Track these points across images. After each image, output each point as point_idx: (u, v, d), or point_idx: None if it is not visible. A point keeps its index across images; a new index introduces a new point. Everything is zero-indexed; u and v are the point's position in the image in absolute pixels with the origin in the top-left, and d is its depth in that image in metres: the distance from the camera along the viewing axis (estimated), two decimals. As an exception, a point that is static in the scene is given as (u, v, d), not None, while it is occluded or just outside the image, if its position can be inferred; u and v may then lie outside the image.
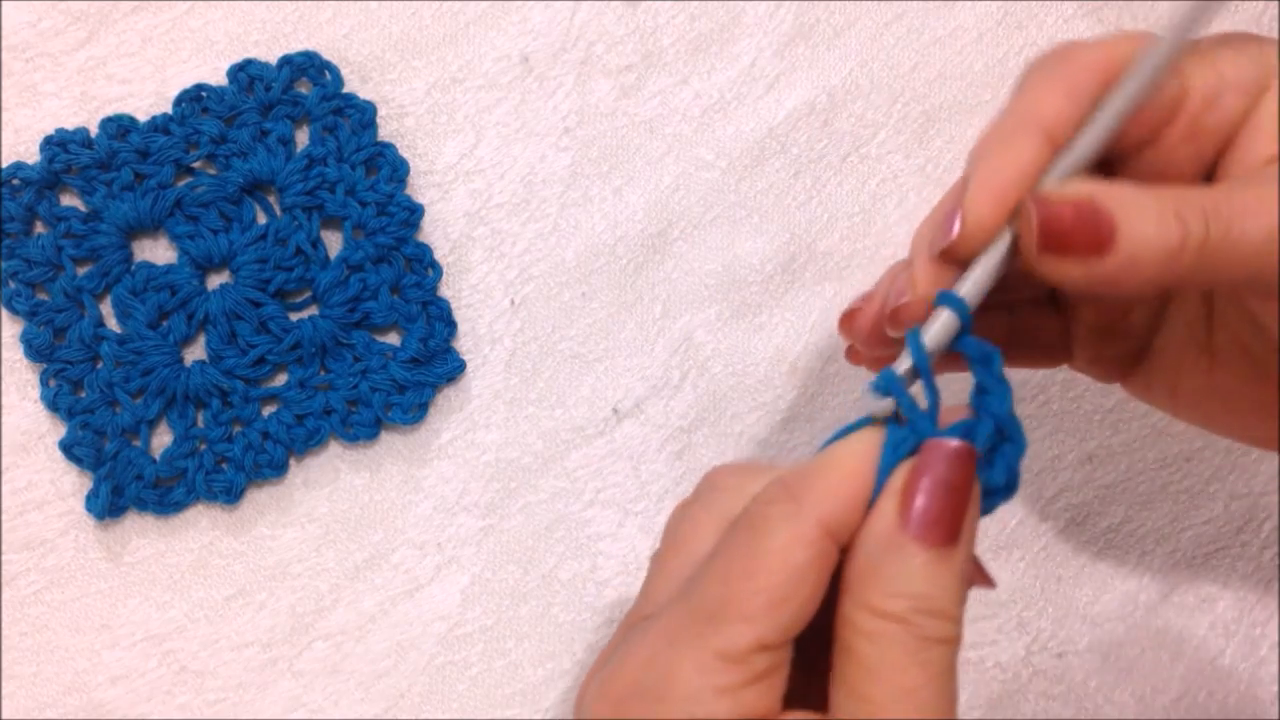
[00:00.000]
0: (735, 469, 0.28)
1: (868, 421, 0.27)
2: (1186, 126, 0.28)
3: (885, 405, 0.26)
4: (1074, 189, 0.26)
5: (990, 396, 0.26)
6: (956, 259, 0.27)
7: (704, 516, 0.28)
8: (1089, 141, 0.27)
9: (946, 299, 0.27)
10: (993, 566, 0.41)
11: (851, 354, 0.33)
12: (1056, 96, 0.27)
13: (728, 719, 0.24)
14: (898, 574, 0.24)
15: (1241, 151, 0.28)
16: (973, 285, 0.27)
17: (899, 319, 0.28)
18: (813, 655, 0.26)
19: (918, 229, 0.29)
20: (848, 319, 0.31)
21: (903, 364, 0.27)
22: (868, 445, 0.26)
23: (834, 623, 0.25)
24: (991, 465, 0.26)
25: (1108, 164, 0.29)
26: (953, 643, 0.24)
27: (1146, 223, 0.25)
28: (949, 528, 0.25)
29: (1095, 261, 0.25)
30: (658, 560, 0.28)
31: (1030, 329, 0.33)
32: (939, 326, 0.27)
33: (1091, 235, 0.25)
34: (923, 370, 0.27)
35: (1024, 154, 0.27)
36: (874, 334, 0.30)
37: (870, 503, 0.25)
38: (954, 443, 0.25)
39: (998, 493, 0.26)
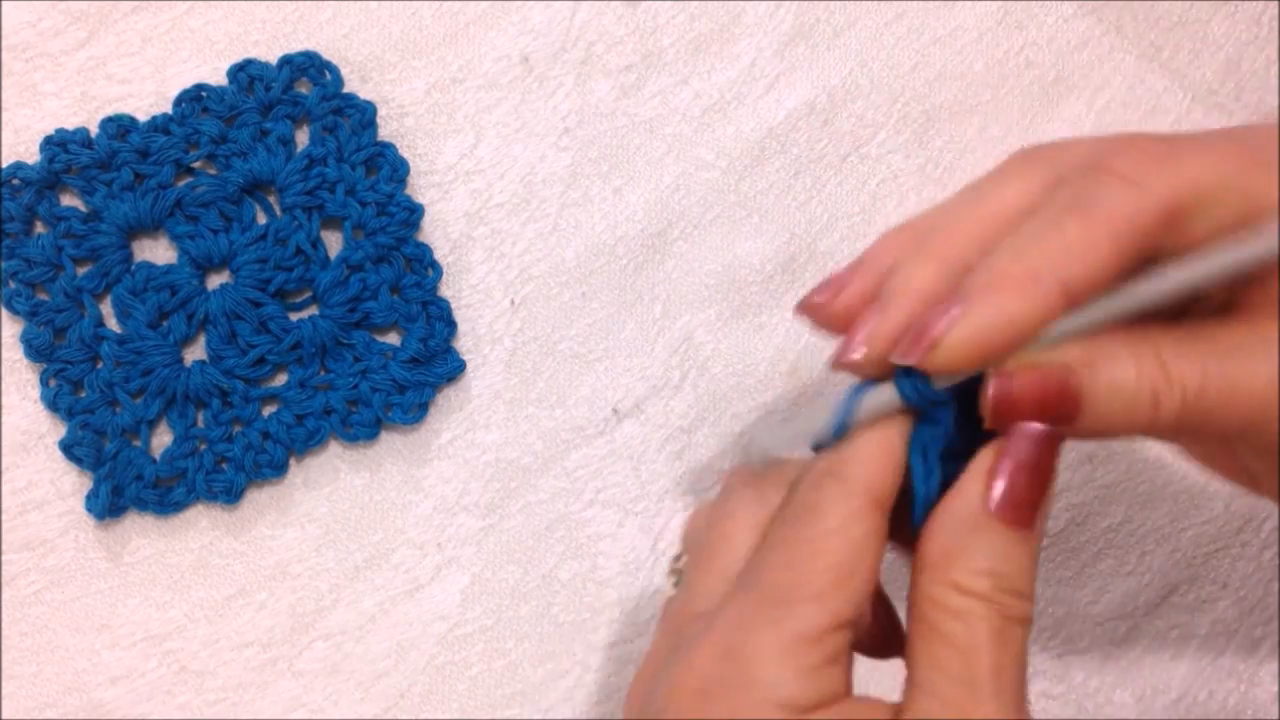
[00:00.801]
0: (752, 472, 0.29)
1: (868, 386, 0.26)
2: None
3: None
4: (1048, 358, 0.25)
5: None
6: (866, 372, 0.27)
7: (741, 512, 0.28)
8: (1111, 311, 0.25)
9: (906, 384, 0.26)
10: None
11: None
12: (1088, 257, 0.25)
13: (813, 700, 0.24)
14: (983, 552, 0.25)
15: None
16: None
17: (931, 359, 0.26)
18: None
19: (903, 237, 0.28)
20: (822, 309, 0.29)
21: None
22: (889, 418, 0.26)
23: (910, 601, 0.25)
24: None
25: None
26: (1029, 624, 0.25)
27: (1115, 399, 0.25)
28: (1031, 510, 0.25)
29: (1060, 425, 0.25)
30: (700, 559, 0.28)
31: None
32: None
33: (1054, 411, 0.25)
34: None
35: (1027, 309, 0.25)
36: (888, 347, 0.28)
37: (910, 470, 0.26)
38: (1039, 427, 0.25)
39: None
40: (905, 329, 0.26)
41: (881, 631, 0.29)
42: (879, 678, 0.29)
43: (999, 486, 0.25)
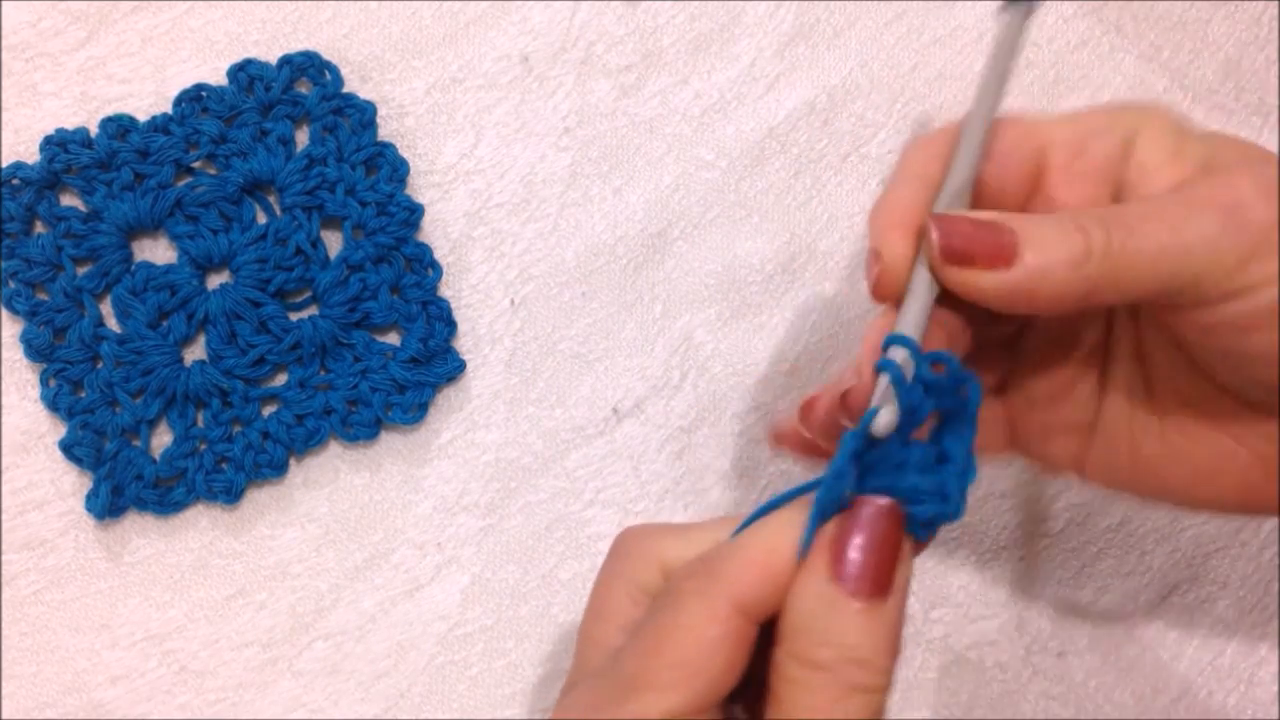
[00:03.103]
0: (643, 532, 0.29)
1: (797, 493, 0.27)
2: (1060, 174, 0.30)
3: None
4: (973, 212, 0.28)
5: (952, 434, 0.26)
6: (886, 296, 0.29)
7: (617, 584, 0.29)
8: (959, 171, 0.29)
9: (892, 341, 0.27)
10: (993, 566, 0.41)
11: (778, 438, 0.33)
12: (920, 154, 0.30)
13: None
14: (827, 626, 0.25)
15: (1135, 191, 0.29)
16: (910, 323, 0.28)
17: (848, 404, 0.28)
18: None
19: (865, 334, 0.30)
20: (806, 409, 0.31)
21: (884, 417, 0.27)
22: (786, 523, 0.26)
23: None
24: (926, 500, 0.26)
25: None
26: (878, 691, 0.25)
27: (1047, 231, 0.27)
28: (878, 581, 0.25)
29: (1003, 271, 0.27)
30: (583, 629, 0.29)
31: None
32: (881, 397, 0.27)
33: (993, 244, 0.27)
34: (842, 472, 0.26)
35: (909, 191, 0.29)
36: (826, 424, 0.30)
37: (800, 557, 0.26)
38: (881, 500, 0.26)
39: (937, 517, 0.26)
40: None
41: None
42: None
43: (845, 559, 0.25)
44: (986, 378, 0.33)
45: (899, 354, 0.27)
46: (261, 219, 0.40)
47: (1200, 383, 0.30)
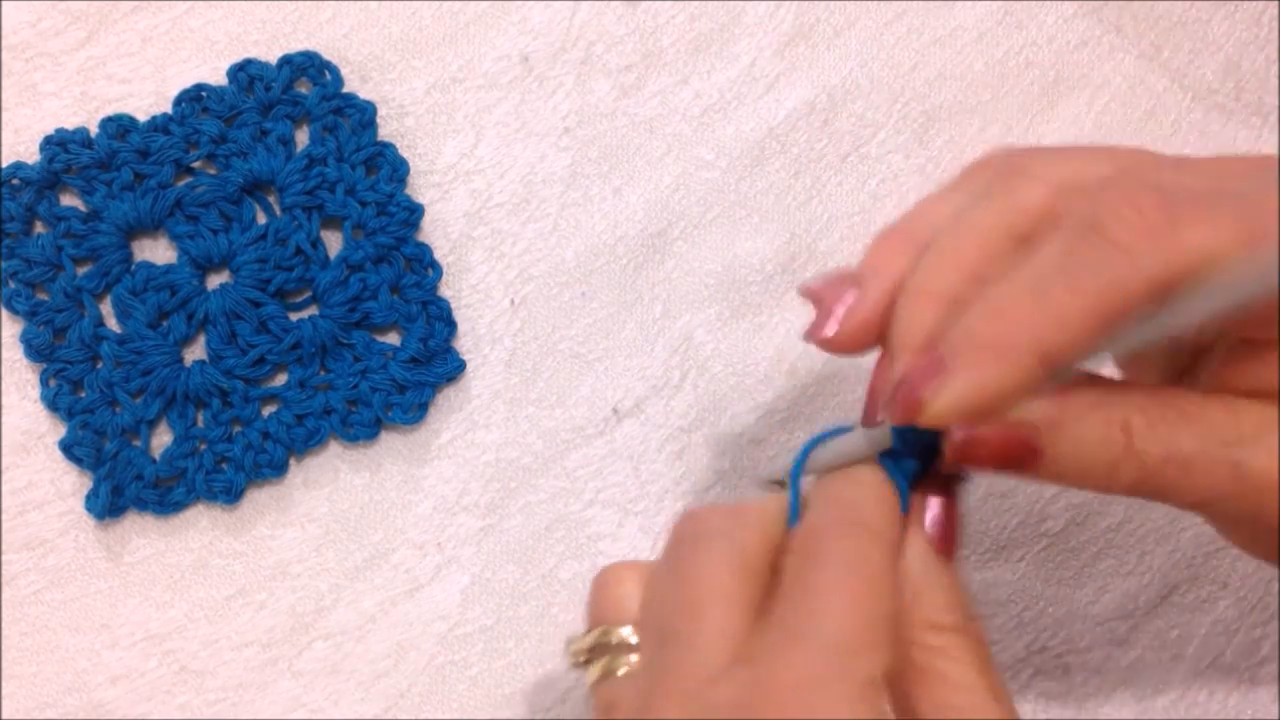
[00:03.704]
0: (723, 512, 0.28)
1: (838, 432, 0.28)
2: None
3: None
4: (1018, 413, 0.26)
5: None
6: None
7: (718, 561, 0.27)
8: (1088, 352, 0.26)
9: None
10: (993, 566, 0.41)
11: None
12: (1071, 329, 0.25)
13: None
14: (942, 587, 0.26)
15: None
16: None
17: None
18: None
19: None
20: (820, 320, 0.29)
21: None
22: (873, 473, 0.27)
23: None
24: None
25: None
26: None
27: (1073, 462, 0.26)
28: (954, 541, 0.28)
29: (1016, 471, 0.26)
30: (683, 621, 0.26)
31: None
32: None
33: (1013, 461, 0.26)
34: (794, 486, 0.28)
35: (1006, 378, 0.25)
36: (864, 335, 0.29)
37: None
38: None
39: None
40: (888, 382, 0.27)
41: None
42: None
43: (932, 522, 0.27)
44: None
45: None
46: (261, 219, 0.40)
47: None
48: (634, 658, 0.27)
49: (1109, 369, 0.31)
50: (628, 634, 0.27)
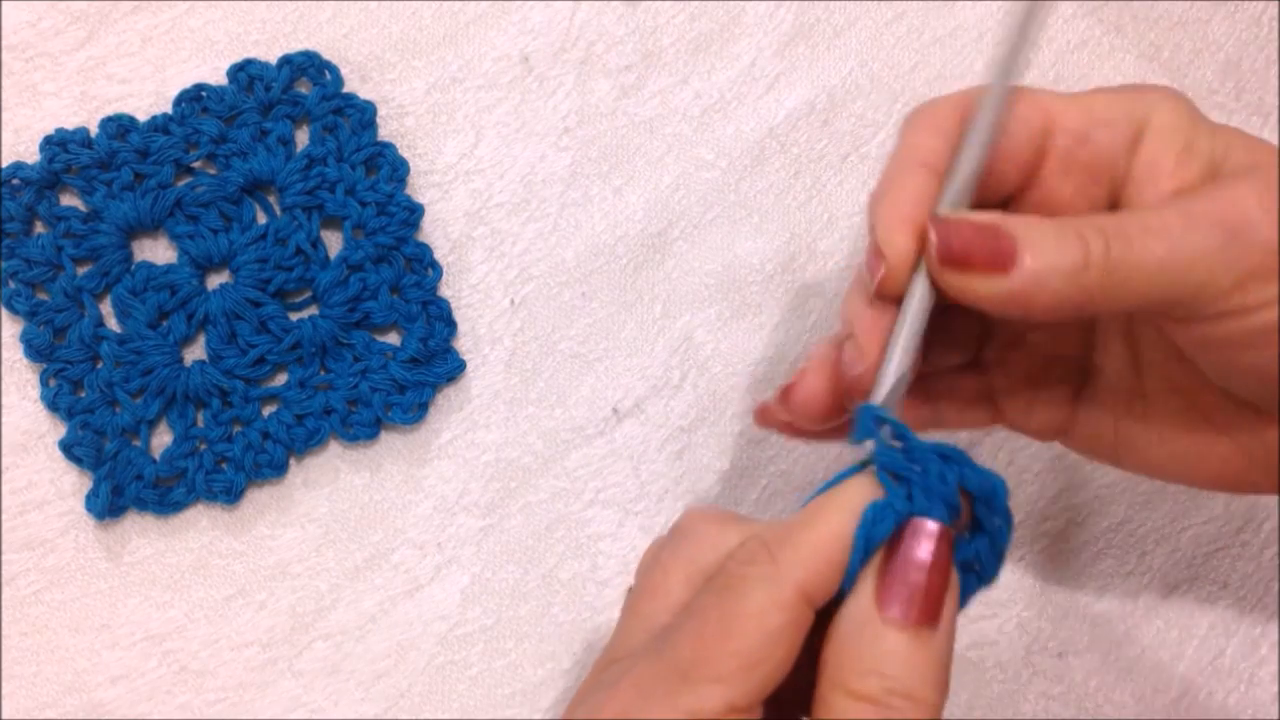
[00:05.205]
0: (707, 515, 0.28)
1: (855, 470, 0.26)
2: (1060, 161, 0.30)
3: (869, 449, 0.27)
4: (974, 215, 0.28)
5: (989, 520, 0.26)
6: (889, 294, 0.28)
7: (673, 564, 0.28)
8: (965, 166, 0.29)
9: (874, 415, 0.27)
10: (993, 566, 0.41)
11: (763, 415, 0.32)
12: (927, 136, 0.29)
13: None
14: (872, 654, 0.24)
15: (1139, 190, 0.29)
16: (907, 335, 0.28)
17: (856, 388, 0.28)
18: (790, 713, 0.26)
19: (843, 301, 0.30)
20: (785, 396, 0.30)
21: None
22: (849, 509, 0.25)
23: (811, 701, 0.25)
24: (974, 543, 0.26)
25: (999, 209, 0.30)
26: None
27: (1047, 239, 0.27)
28: (926, 608, 0.25)
29: (1000, 278, 0.27)
30: (630, 603, 0.28)
31: (949, 389, 0.34)
32: (889, 387, 0.27)
33: (992, 250, 0.27)
34: (881, 455, 0.26)
35: (915, 184, 0.29)
36: (827, 408, 0.30)
37: (847, 571, 0.25)
38: (932, 524, 0.25)
39: (979, 574, 0.26)
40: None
41: None
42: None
43: (893, 585, 0.25)
44: (962, 352, 0.33)
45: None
46: (261, 219, 0.40)
47: (1189, 373, 0.30)
48: None
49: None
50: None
